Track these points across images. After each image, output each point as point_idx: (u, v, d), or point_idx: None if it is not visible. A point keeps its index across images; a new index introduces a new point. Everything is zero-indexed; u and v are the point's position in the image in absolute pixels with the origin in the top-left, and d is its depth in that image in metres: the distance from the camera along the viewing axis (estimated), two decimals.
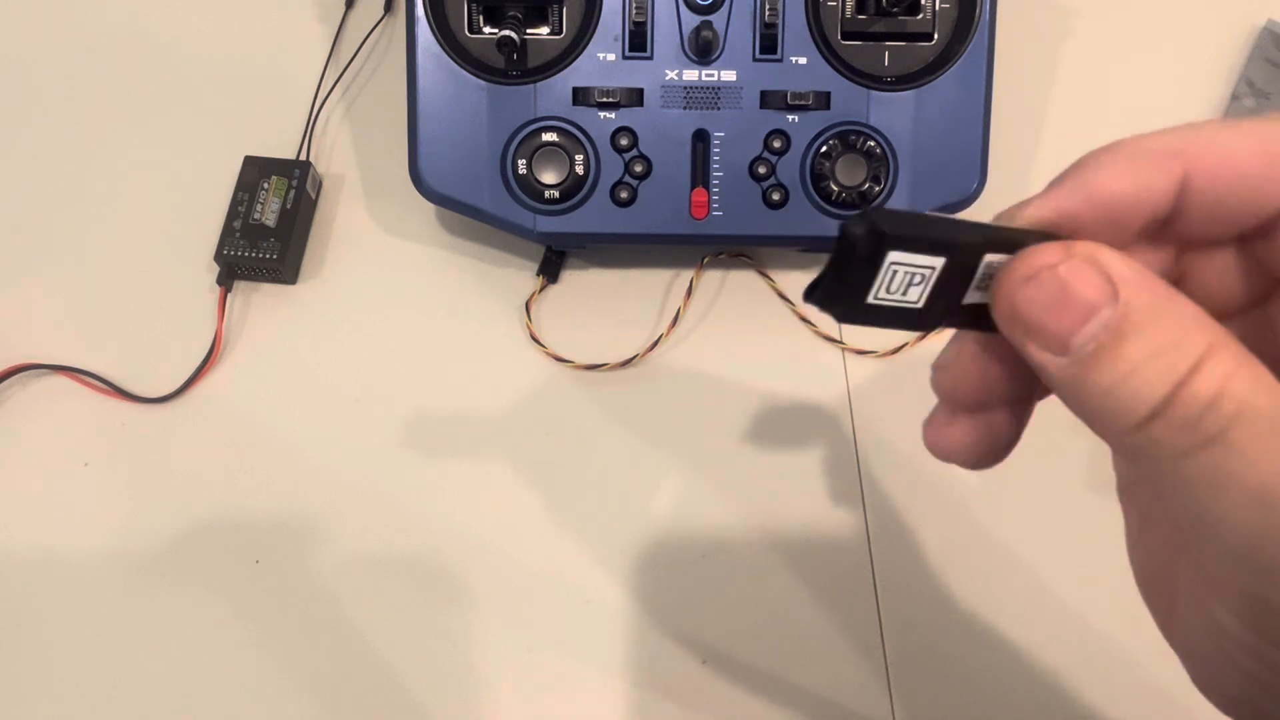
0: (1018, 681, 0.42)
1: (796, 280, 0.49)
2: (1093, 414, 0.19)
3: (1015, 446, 0.23)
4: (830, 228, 0.45)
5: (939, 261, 0.19)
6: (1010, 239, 0.19)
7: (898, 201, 0.45)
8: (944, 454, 0.22)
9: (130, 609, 0.43)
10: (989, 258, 0.19)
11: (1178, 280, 0.22)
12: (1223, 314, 0.21)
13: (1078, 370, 0.18)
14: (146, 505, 0.44)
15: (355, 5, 0.54)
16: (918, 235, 0.19)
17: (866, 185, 0.44)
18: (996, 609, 0.43)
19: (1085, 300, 0.18)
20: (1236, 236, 0.20)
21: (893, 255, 0.19)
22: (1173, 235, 0.20)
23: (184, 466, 0.45)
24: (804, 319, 0.48)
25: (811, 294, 0.20)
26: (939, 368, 0.22)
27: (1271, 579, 0.17)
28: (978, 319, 0.20)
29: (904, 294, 0.19)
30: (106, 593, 0.43)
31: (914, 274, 0.19)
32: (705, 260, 0.49)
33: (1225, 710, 0.22)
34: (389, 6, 0.53)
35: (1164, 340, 0.18)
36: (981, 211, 0.47)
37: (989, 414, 0.22)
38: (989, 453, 0.22)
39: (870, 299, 0.19)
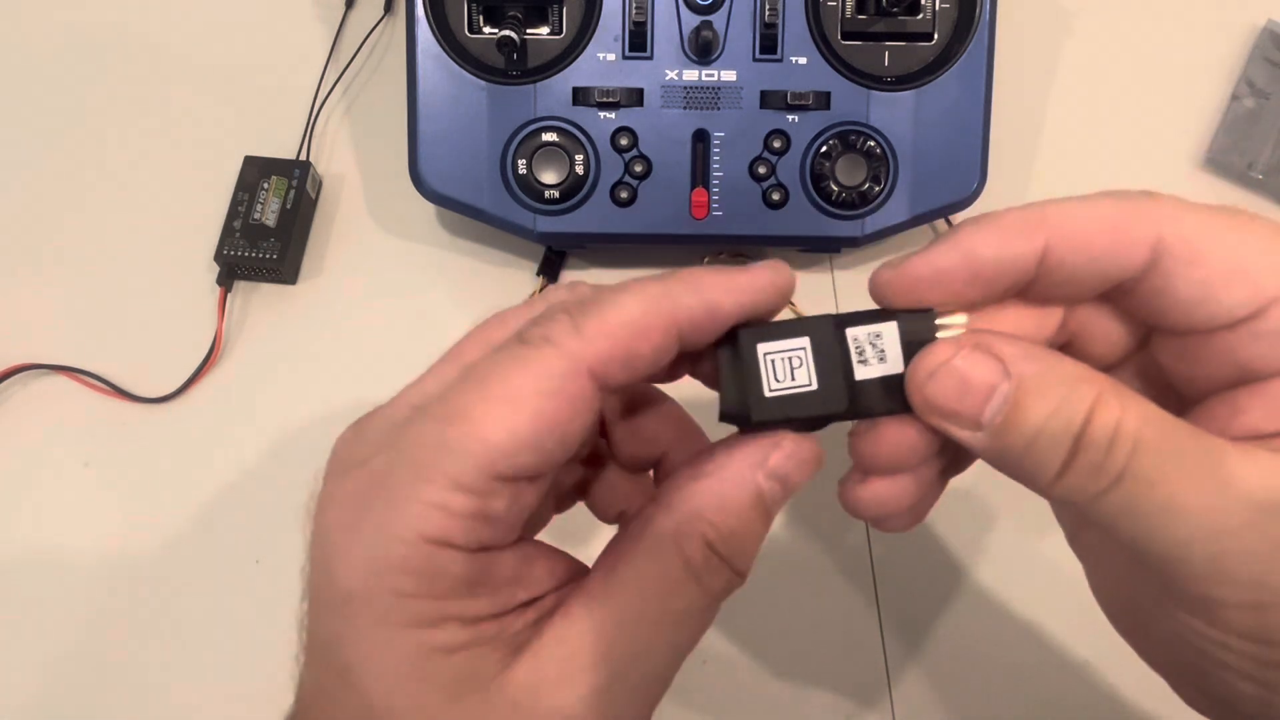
0: (1018, 681, 0.42)
1: (797, 280, 0.49)
2: (1018, 474, 0.22)
3: (929, 510, 0.25)
4: (830, 228, 0.45)
5: (804, 341, 0.22)
6: (860, 317, 0.23)
7: (898, 202, 0.45)
8: (862, 513, 0.25)
9: (130, 609, 0.43)
10: (851, 331, 0.23)
11: (1071, 336, 0.25)
12: (1114, 361, 0.25)
13: (993, 440, 0.21)
14: (146, 505, 0.44)
15: (355, 5, 0.54)
16: (771, 324, 0.22)
17: (866, 185, 0.44)
18: (996, 609, 0.43)
19: (983, 383, 0.21)
20: (1100, 295, 0.23)
21: (762, 346, 0.22)
22: (1050, 296, 0.23)
23: (184, 466, 0.45)
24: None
25: (722, 415, 0.23)
26: (856, 435, 0.24)
27: (1213, 582, 0.20)
28: (888, 399, 0.23)
29: (793, 379, 0.22)
30: (106, 593, 0.43)
31: (790, 358, 0.22)
32: (705, 260, 0.49)
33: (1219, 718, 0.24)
34: (389, 6, 0.53)
35: (1056, 399, 0.20)
36: (983, 210, 0.47)
37: (903, 477, 0.24)
38: (905, 513, 0.25)
39: (767, 392, 0.22)
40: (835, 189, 0.44)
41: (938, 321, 0.23)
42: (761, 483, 0.23)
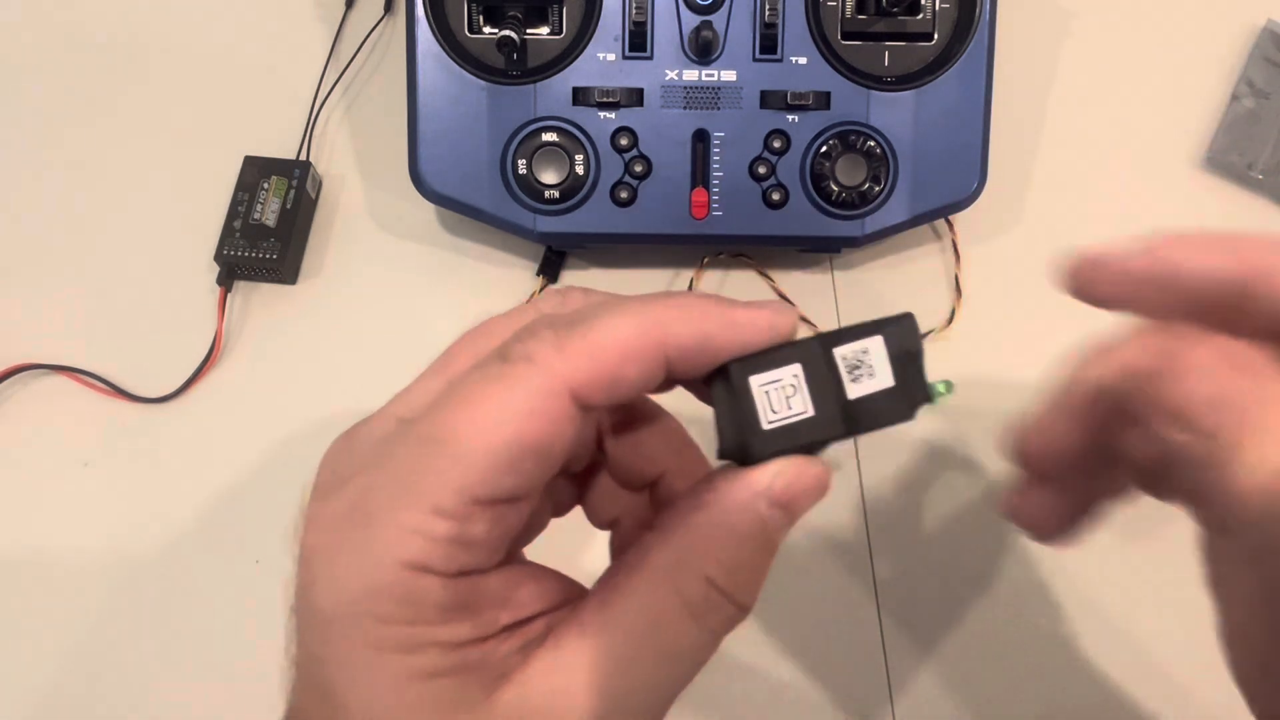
0: (1018, 681, 0.42)
1: (796, 280, 0.49)
2: (1223, 495, 0.20)
3: (1086, 528, 0.25)
4: (830, 228, 0.45)
5: (796, 368, 0.22)
6: (844, 335, 0.23)
7: (898, 202, 0.45)
8: (1022, 522, 0.25)
9: (130, 609, 0.43)
10: (839, 351, 0.23)
11: None
12: None
13: (1222, 453, 0.20)
14: (146, 505, 0.44)
15: (355, 5, 0.54)
16: (761, 355, 0.22)
17: (866, 185, 0.44)
18: (997, 609, 0.43)
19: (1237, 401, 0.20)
20: None
21: (755, 379, 0.22)
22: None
23: (184, 466, 0.45)
24: (804, 319, 0.48)
25: (721, 453, 0.23)
26: (1025, 432, 0.24)
27: None
28: (883, 413, 0.23)
29: (789, 408, 0.22)
30: (106, 593, 0.43)
31: (785, 387, 0.22)
32: (705, 260, 0.49)
33: None
34: (389, 6, 0.53)
35: None
36: (983, 211, 0.47)
37: (1065, 487, 0.24)
38: (1063, 526, 0.25)
39: (765, 425, 0.22)
40: (835, 189, 0.44)
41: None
42: (764, 511, 0.22)
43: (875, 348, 0.23)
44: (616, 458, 0.26)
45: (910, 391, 0.23)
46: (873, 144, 0.44)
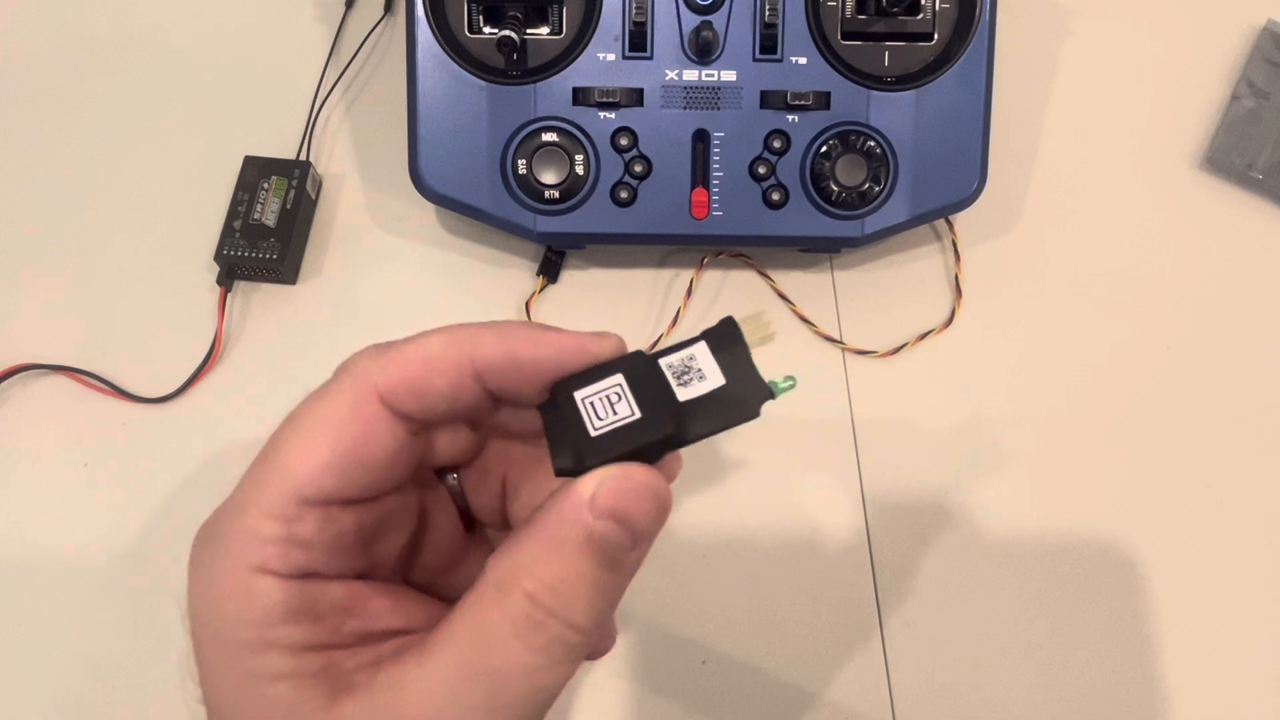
0: (1017, 681, 0.42)
1: (796, 280, 0.49)
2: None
3: None
4: (830, 228, 0.45)
5: (618, 378, 0.22)
6: (668, 350, 0.23)
7: (898, 202, 0.45)
8: None
9: (130, 609, 0.43)
10: (664, 360, 0.23)
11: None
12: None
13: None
14: (146, 505, 0.44)
15: (355, 5, 0.54)
16: (583, 372, 0.23)
17: (866, 185, 0.44)
18: (996, 609, 0.43)
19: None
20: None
21: (578, 393, 0.22)
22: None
23: (184, 466, 0.45)
24: (804, 319, 0.48)
25: (557, 471, 0.23)
26: None
27: None
28: (720, 413, 0.23)
29: (614, 413, 0.22)
30: (106, 593, 0.43)
31: (608, 395, 0.22)
32: (705, 260, 0.49)
33: None
34: (389, 6, 0.53)
35: None
36: (983, 211, 0.47)
37: None
38: None
39: (592, 432, 0.22)
40: (835, 189, 0.44)
41: (739, 321, 0.23)
42: (590, 523, 0.21)
43: (700, 353, 0.23)
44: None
45: (747, 389, 0.23)
46: (873, 144, 0.44)
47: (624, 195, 0.44)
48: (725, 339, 0.23)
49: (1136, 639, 0.43)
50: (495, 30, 0.44)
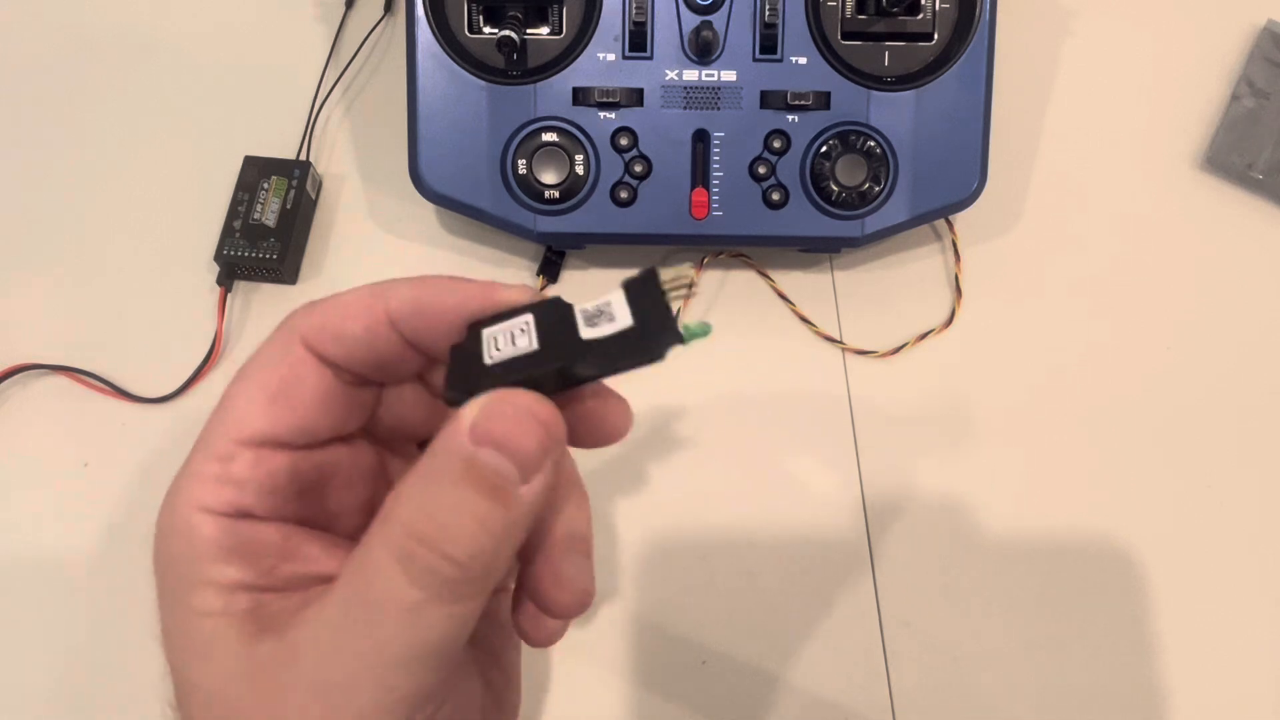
0: (1017, 681, 0.42)
1: (796, 280, 0.49)
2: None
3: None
4: (830, 228, 0.45)
5: (527, 316, 0.23)
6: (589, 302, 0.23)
7: (898, 202, 0.45)
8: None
9: (130, 609, 0.43)
10: (580, 306, 0.23)
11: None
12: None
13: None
14: (147, 505, 0.44)
15: (355, 5, 0.54)
16: (497, 315, 0.23)
17: (866, 185, 0.44)
18: (996, 608, 0.43)
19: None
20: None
21: (486, 331, 0.23)
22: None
23: None
24: (804, 319, 0.48)
25: (447, 400, 0.22)
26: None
27: None
28: (623, 352, 0.22)
29: (514, 345, 0.22)
30: (106, 593, 0.43)
31: (512, 331, 0.22)
32: (705, 260, 0.49)
33: None
34: (389, 6, 0.53)
35: None
36: (983, 211, 0.47)
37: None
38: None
39: (487, 361, 0.22)
40: (835, 189, 0.44)
41: (662, 276, 0.23)
42: (469, 449, 0.20)
43: (616, 299, 0.23)
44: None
45: (654, 332, 0.22)
46: (873, 144, 0.44)
47: (624, 195, 0.44)
48: (643, 286, 0.23)
49: (1136, 639, 0.43)
50: (495, 30, 0.44)
